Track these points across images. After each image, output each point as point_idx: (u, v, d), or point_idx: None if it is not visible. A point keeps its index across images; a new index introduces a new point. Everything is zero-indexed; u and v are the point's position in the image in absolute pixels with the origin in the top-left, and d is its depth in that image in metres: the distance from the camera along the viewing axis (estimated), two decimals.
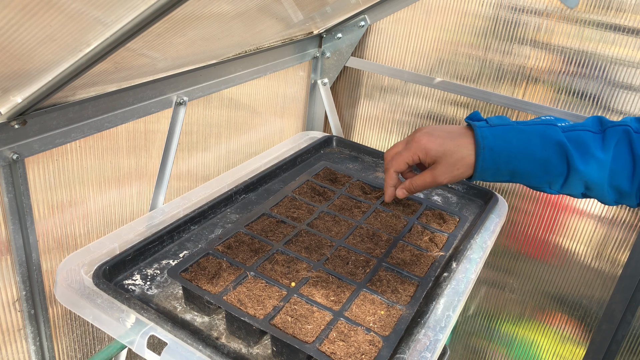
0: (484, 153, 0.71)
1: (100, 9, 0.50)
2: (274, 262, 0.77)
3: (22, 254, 0.78)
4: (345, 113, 1.46)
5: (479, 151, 0.71)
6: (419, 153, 0.75)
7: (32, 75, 0.60)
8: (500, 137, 0.72)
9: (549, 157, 0.70)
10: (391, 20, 1.29)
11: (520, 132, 0.72)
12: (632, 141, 0.69)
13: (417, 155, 0.76)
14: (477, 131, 0.72)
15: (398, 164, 0.78)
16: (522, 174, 0.72)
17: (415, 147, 0.76)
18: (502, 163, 0.71)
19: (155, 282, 0.75)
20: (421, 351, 0.66)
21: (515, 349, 1.44)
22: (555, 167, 0.70)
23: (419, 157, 0.76)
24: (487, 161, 0.71)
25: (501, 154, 0.71)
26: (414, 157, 0.76)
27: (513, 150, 0.71)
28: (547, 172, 0.71)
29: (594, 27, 1.09)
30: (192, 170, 1.11)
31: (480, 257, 0.85)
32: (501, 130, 0.72)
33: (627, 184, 0.69)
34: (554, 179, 0.71)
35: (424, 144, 0.75)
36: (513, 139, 0.71)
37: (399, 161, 0.78)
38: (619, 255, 1.21)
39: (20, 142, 0.71)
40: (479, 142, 0.72)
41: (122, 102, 0.84)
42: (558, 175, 0.71)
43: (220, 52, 0.97)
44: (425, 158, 0.75)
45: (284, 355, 0.65)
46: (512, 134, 0.72)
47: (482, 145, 0.71)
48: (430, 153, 0.74)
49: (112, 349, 0.73)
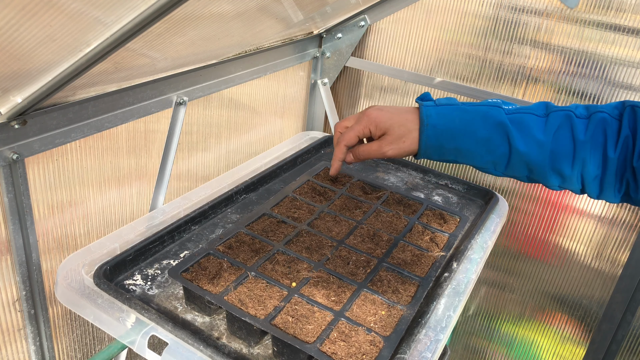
0: (427, 130, 0.75)
1: (100, 9, 0.50)
2: (274, 262, 0.77)
3: (22, 254, 0.77)
4: (345, 113, 1.46)
5: (422, 128, 0.75)
6: (370, 126, 0.78)
7: (32, 75, 0.60)
8: (444, 115, 0.75)
9: (490, 137, 0.73)
10: (391, 20, 1.29)
11: (464, 111, 0.75)
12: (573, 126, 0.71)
13: (368, 128, 0.79)
14: (422, 109, 0.76)
15: (349, 137, 0.80)
16: (465, 152, 0.75)
17: (365, 121, 0.79)
18: (445, 140, 0.75)
19: (156, 282, 0.75)
20: (422, 351, 0.66)
21: (515, 349, 1.44)
22: (498, 147, 0.73)
23: (370, 129, 0.79)
24: (431, 138, 0.75)
25: (444, 132, 0.74)
26: (364, 130, 0.79)
27: (455, 128, 0.74)
28: (490, 151, 0.73)
29: (594, 27, 1.09)
30: (192, 170, 1.10)
31: (480, 257, 0.85)
32: (446, 110, 0.76)
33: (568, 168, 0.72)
34: (498, 160, 0.74)
35: (374, 117, 0.78)
36: (456, 117, 0.75)
37: (350, 135, 0.80)
38: (619, 255, 1.21)
39: (20, 142, 0.71)
40: (422, 119, 0.75)
41: (122, 102, 0.84)
42: (501, 155, 0.73)
43: (220, 52, 0.97)
44: (375, 131, 0.78)
45: (285, 355, 0.65)
46: (456, 113, 0.75)
47: (426, 122, 0.75)
48: (380, 125, 0.77)
49: (112, 349, 0.73)
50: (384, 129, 0.77)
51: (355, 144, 0.81)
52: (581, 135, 0.71)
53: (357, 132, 0.79)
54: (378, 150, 0.78)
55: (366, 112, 0.79)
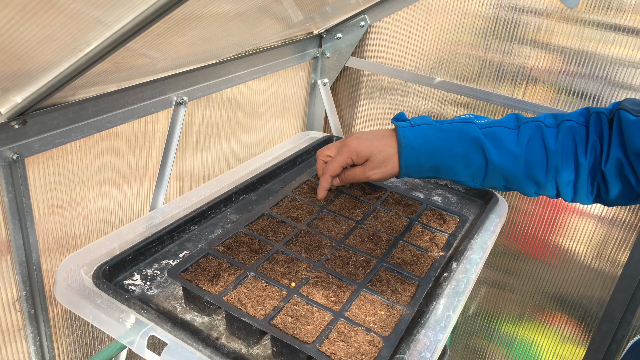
0: (405, 151, 0.78)
1: (100, 9, 0.50)
2: (274, 263, 0.77)
3: (22, 254, 0.78)
4: (345, 113, 1.46)
5: (401, 149, 0.78)
6: (351, 155, 0.83)
7: (32, 75, 0.60)
8: (420, 135, 0.78)
9: (467, 153, 0.76)
10: (391, 20, 1.29)
11: (440, 130, 0.78)
12: (544, 136, 0.74)
13: (350, 157, 0.83)
14: (399, 131, 0.79)
15: (333, 168, 0.85)
16: (444, 169, 0.78)
17: (347, 151, 0.83)
18: (424, 159, 0.78)
19: (155, 282, 0.75)
20: (421, 351, 0.66)
21: (515, 349, 1.44)
22: (474, 161, 0.76)
23: (352, 159, 0.83)
24: (410, 158, 0.78)
25: (422, 151, 0.78)
26: (347, 160, 0.84)
27: (433, 147, 0.77)
28: (467, 166, 0.77)
29: (594, 27, 1.09)
30: (192, 170, 1.11)
31: (480, 257, 0.85)
32: (421, 130, 0.79)
33: (542, 176, 0.75)
34: (475, 173, 0.77)
35: (354, 146, 0.82)
36: (432, 136, 0.78)
37: (334, 165, 0.85)
38: (619, 255, 1.21)
39: (20, 142, 0.71)
40: (400, 141, 0.79)
41: (122, 102, 0.84)
42: (478, 168, 0.77)
43: (220, 52, 0.97)
44: (357, 159, 0.83)
45: (284, 355, 0.65)
46: (432, 132, 0.78)
47: (404, 144, 0.78)
48: (361, 154, 0.82)
49: (112, 349, 0.73)
50: (365, 156, 0.82)
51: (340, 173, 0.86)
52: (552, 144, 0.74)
53: (340, 163, 0.84)
54: (362, 174, 0.83)
55: (346, 142, 0.84)
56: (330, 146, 0.89)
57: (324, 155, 0.89)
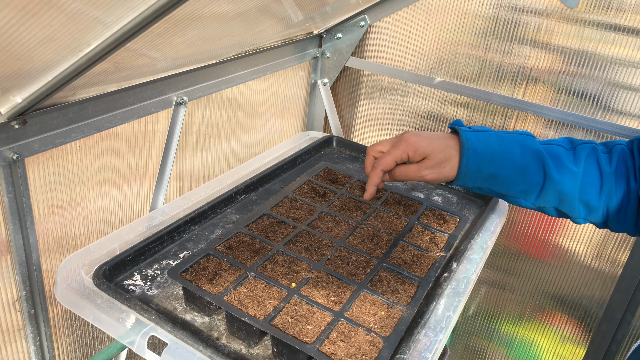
0: (467, 153, 0.74)
1: (100, 9, 0.50)
2: (274, 263, 0.77)
3: (22, 254, 0.77)
4: (345, 113, 1.46)
5: (464, 151, 0.74)
6: (408, 151, 0.77)
7: (32, 75, 0.60)
8: (483, 140, 0.75)
9: (527, 164, 0.73)
10: (391, 20, 1.29)
11: (501, 138, 0.75)
12: (599, 158, 0.73)
13: (406, 153, 0.77)
14: (462, 133, 0.76)
15: (387, 162, 0.78)
16: (501, 179, 0.75)
17: (404, 145, 0.77)
18: (484, 165, 0.74)
19: (155, 282, 0.75)
20: (421, 351, 0.66)
21: (515, 349, 1.44)
22: (533, 175, 0.73)
23: (408, 155, 0.77)
24: (471, 161, 0.74)
25: (484, 156, 0.74)
26: (402, 155, 0.78)
27: (495, 153, 0.74)
28: (525, 179, 0.74)
29: (594, 27, 1.09)
30: (192, 170, 1.10)
31: (480, 258, 0.85)
32: (483, 135, 0.76)
33: (595, 199, 0.73)
34: (531, 189, 0.74)
35: (413, 142, 0.77)
36: (494, 143, 0.75)
37: (388, 159, 0.78)
38: (619, 255, 1.21)
39: (20, 142, 0.71)
40: (463, 143, 0.75)
41: (122, 102, 0.84)
42: (534, 184, 0.74)
43: (220, 52, 0.97)
44: (414, 155, 0.77)
45: (285, 355, 0.65)
46: (494, 138, 0.75)
47: (467, 146, 0.74)
48: (419, 150, 0.76)
49: (112, 349, 0.73)
50: (424, 154, 0.76)
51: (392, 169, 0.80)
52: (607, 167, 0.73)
53: (395, 157, 0.78)
54: (416, 172, 0.77)
55: (404, 137, 0.78)
56: (383, 142, 0.82)
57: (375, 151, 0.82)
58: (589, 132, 1.15)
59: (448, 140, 0.76)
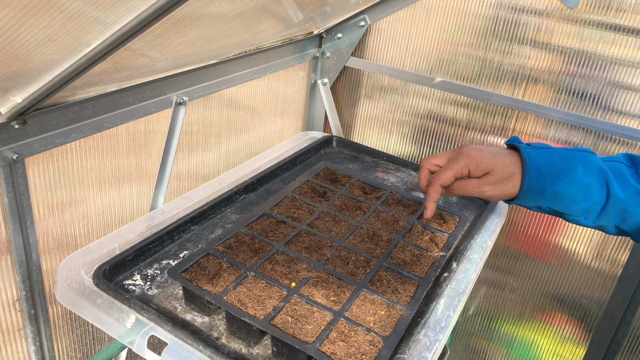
0: (530, 171, 0.71)
1: (100, 9, 0.50)
2: (274, 263, 0.77)
3: (22, 254, 0.78)
4: (345, 113, 1.46)
5: (526, 169, 0.72)
6: (470, 165, 0.74)
7: (32, 75, 0.60)
8: (544, 158, 0.72)
9: (590, 183, 0.71)
10: (391, 20, 1.29)
11: (563, 155, 0.73)
12: None
13: (468, 167, 0.74)
14: (524, 151, 0.73)
15: (447, 177, 0.75)
16: (563, 198, 0.72)
17: (465, 160, 0.74)
18: (547, 184, 0.72)
19: (155, 282, 0.75)
20: (421, 351, 0.66)
21: (515, 349, 1.44)
22: (596, 194, 0.71)
23: (469, 169, 0.74)
24: (534, 180, 0.72)
25: (546, 174, 0.71)
26: (463, 170, 0.74)
27: (558, 171, 0.71)
28: (587, 198, 0.71)
29: (594, 27, 1.09)
30: (192, 170, 1.10)
31: (480, 257, 0.85)
32: (545, 152, 0.73)
33: None
34: (592, 207, 0.72)
35: (475, 156, 0.74)
36: (557, 160, 0.72)
37: (448, 174, 0.75)
38: (619, 255, 1.21)
39: (20, 142, 0.71)
40: (525, 160, 0.72)
41: (122, 102, 0.84)
42: (596, 203, 0.71)
43: (220, 52, 0.97)
44: (476, 170, 0.74)
45: (284, 355, 0.65)
46: (556, 156, 0.73)
47: (529, 164, 0.72)
48: (482, 165, 0.73)
49: (112, 349, 0.73)
50: (487, 169, 0.73)
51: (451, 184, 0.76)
52: None
53: (455, 172, 0.75)
54: (477, 188, 0.74)
55: (464, 150, 0.75)
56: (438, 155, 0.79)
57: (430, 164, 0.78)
58: (589, 132, 1.15)
59: (510, 156, 0.74)
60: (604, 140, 1.14)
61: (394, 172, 1.13)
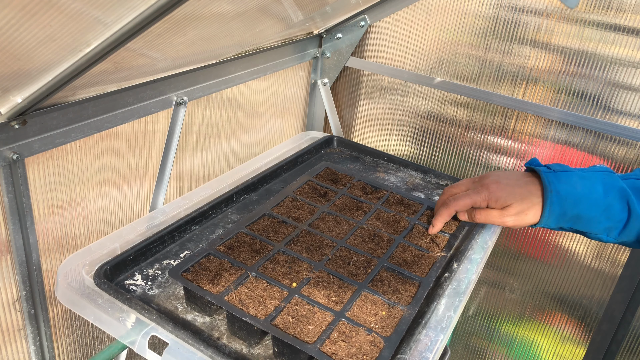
0: (551, 197, 0.73)
1: (100, 9, 0.50)
2: (275, 263, 0.77)
3: (22, 254, 0.77)
4: (345, 113, 1.46)
5: (547, 195, 0.73)
6: (489, 200, 0.77)
7: (32, 75, 0.60)
8: (565, 181, 0.74)
9: (611, 203, 0.72)
10: (391, 20, 1.29)
11: (583, 177, 0.74)
12: None
13: (487, 201, 0.78)
14: (544, 176, 0.74)
15: (464, 204, 0.79)
16: (585, 219, 0.73)
17: (485, 194, 0.77)
18: (568, 207, 0.73)
19: (156, 282, 0.75)
20: (422, 351, 0.66)
21: (515, 349, 1.44)
22: (617, 213, 0.72)
23: (488, 203, 0.78)
24: (555, 205, 0.73)
25: (567, 198, 0.73)
26: (482, 203, 0.78)
27: (578, 194, 0.73)
28: (609, 217, 0.72)
29: (594, 27, 1.09)
30: (192, 170, 1.10)
31: (481, 258, 0.85)
32: (565, 176, 0.74)
33: None
34: (614, 226, 0.73)
35: (494, 190, 0.77)
36: (577, 183, 0.73)
37: (466, 202, 0.79)
38: (619, 255, 1.21)
39: (20, 142, 0.71)
40: (546, 186, 0.74)
41: (122, 102, 0.84)
42: (618, 221, 0.73)
43: (220, 52, 0.97)
44: (495, 205, 0.77)
45: (285, 355, 0.64)
46: (575, 179, 0.74)
47: (550, 189, 0.73)
48: (500, 200, 0.76)
49: (112, 349, 0.73)
50: (506, 203, 0.76)
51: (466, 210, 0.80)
52: None
53: (473, 202, 0.79)
54: (498, 219, 0.77)
55: (484, 183, 0.78)
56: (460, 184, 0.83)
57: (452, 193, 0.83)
58: (589, 132, 1.15)
59: (530, 186, 0.75)
60: (604, 140, 1.14)
61: (394, 172, 1.13)
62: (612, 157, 1.15)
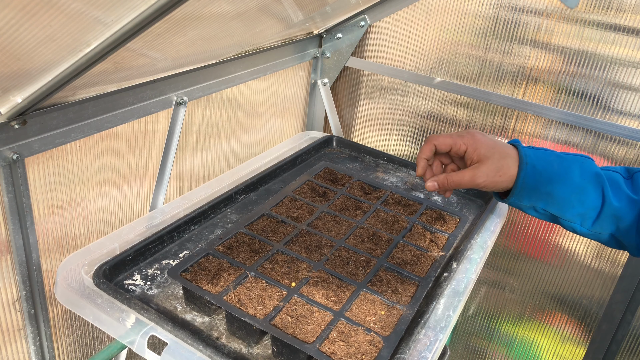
0: (526, 168, 0.72)
1: (100, 9, 0.50)
2: (274, 262, 0.77)
3: (22, 254, 0.78)
4: (345, 113, 1.46)
5: (522, 166, 0.72)
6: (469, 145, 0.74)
7: (32, 75, 0.60)
8: (542, 158, 0.73)
9: (585, 187, 0.71)
10: (391, 20, 1.29)
11: (561, 158, 0.73)
12: None
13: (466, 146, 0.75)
14: (521, 149, 0.74)
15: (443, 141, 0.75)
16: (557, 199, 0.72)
17: (467, 138, 0.75)
18: (542, 183, 0.72)
19: (155, 282, 0.75)
20: (421, 351, 0.66)
21: (515, 349, 1.44)
22: (591, 199, 0.71)
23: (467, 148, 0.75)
24: (529, 177, 0.72)
25: (542, 173, 0.72)
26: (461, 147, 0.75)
27: (553, 171, 0.72)
28: (582, 202, 0.72)
29: (594, 27, 1.09)
30: (192, 170, 1.10)
31: (480, 257, 0.85)
32: (543, 153, 0.74)
33: None
34: (588, 213, 0.72)
35: (479, 138, 0.74)
36: (554, 162, 0.73)
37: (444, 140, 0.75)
38: (619, 255, 1.21)
39: (20, 142, 0.71)
40: (522, 157, 0.73)
41: (122, 102, 0.84)
42: (592, 208, 0.72)
43: (220, 52, 0.97)
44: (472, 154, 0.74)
45: (284, 355, 0.65)
46: (553, 157, 0.73)
47: (525, 161, 0.72)
48: (480, 150, 0.74)
49: (112, 349, 0.73)
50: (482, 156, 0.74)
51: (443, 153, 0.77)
52: None
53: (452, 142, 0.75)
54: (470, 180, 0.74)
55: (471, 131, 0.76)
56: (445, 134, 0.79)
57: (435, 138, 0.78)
58: (589, 132, 1.15)
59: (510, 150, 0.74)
60: (604, 140, 1.14)
61: (394, 172, 1.13)
62: (612, 157, 1.15)
